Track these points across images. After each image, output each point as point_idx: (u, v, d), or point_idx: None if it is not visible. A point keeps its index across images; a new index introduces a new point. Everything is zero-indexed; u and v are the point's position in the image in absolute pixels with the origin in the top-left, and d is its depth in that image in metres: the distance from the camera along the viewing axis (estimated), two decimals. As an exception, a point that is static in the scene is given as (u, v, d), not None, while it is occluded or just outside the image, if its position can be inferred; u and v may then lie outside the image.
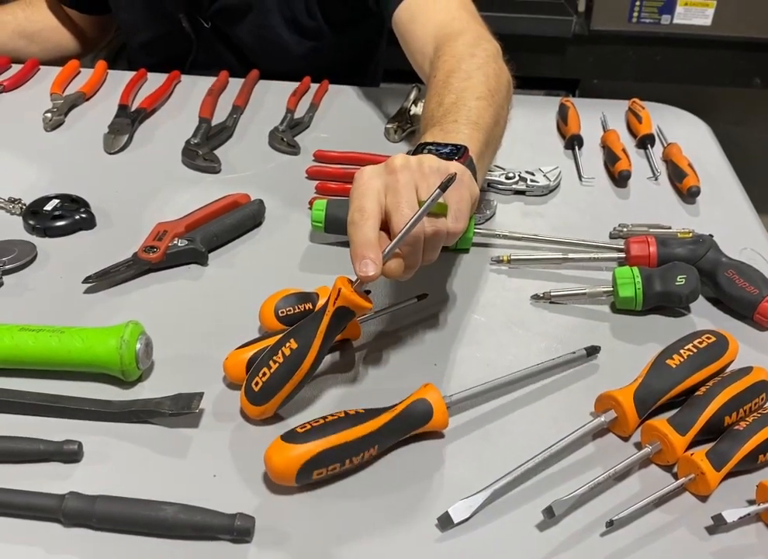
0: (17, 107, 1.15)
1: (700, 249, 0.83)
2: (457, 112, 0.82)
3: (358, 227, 0.64)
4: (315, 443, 0.59)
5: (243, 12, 1.23)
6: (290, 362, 0.64)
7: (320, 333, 0.64)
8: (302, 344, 0.64)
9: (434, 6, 1.04)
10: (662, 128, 1.12)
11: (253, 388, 0.65)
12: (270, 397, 0.65)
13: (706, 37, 2.10)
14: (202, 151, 1.02)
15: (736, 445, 0.62)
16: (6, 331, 0.70)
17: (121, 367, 0.68)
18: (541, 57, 2.11)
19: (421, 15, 1.04)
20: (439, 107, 0.84)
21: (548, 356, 0.73)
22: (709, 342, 0.70)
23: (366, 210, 0.65)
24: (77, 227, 0.89)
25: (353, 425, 0.61)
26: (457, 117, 0.81)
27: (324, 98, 1.19)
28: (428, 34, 1.01)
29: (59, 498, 0.59)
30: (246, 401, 0.66)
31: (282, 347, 0.64)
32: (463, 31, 0.97)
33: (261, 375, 0.64)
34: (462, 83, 0.87)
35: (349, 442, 0.60)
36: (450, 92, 0.86)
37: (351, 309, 0.64)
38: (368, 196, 0.65)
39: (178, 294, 0.82)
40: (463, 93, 0.85)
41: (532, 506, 0.61)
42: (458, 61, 0.91)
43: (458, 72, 0.89)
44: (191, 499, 0.59)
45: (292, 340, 0.64)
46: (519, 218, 0.95)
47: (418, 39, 1.03)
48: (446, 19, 1.01)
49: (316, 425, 0.61)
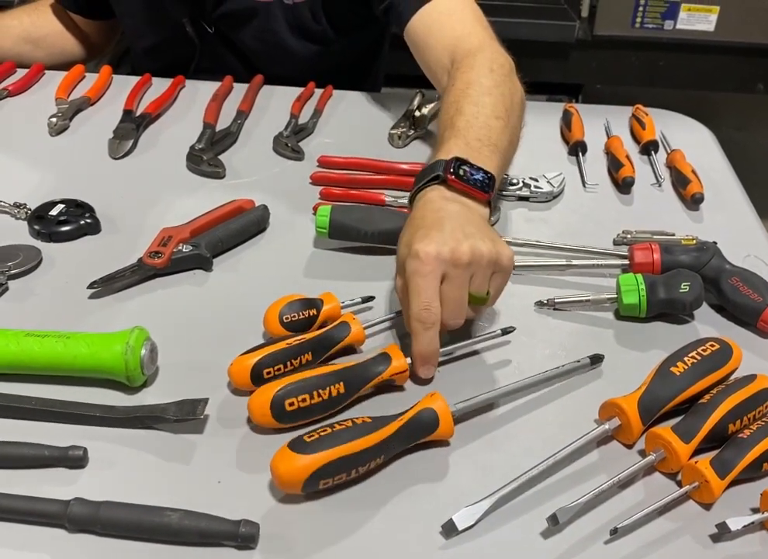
0: (22, 112, 1.16)
1: (703, 256, 0.83)
2: (479, 130, 0.85)
3: (425, 332, 0.69)
4: (322, 454, 0.59)
5: (247, 17, 1.23)
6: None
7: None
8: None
9: (449, 19, 1.05)
10: (666, 134, 1.12)
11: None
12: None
13: (709, 43, 2.11)
14: (206, 157, 1.03)
15: (740, 453, 0.62)
16: (12, 337, 0.70)
17: (126, 373, 0.68)
18: (544, 62, 2.12)
19: (437, 28, 1.05)
20: (459, 116, 0.86)
21: (553, 363, 0.74)
22: (713, 350, 0.70)
23: (432, 311, 0.69)
24: (82, 233, 0.90)
25: (360, 436, 0.61)
26: (479, 136, 0.84)
27: (328, 103, 1.19)
28: (445, 46, 1.02)
29: (64, 503, 0.59)
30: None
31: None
32: (481, 46, 0.99)
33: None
34: (482, 98, 0.89)
35: (356, 452, 0.60)
36: (469, 104, 0.88)
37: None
38: (432, 290, 0.69)
39: (182, 300, 0.82)
40: (483, 109, 0.87)
41: (536, 514, 0.61)
42: (478, 75, 0.92)
43: (478, 86, 0.91)
44: (195, 505, 0.59)
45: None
46: (523, 224, 0.96)
47: (434, 51, 1.04)
48: (463, 32, 1.02)
49: (324, 435, 0.60)
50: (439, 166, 0.78)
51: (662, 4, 2.07)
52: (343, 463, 0.60)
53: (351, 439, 0.60)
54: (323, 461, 0.59)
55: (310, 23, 1.24)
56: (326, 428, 0.61)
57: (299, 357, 0.71)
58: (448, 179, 0.77)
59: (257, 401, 0.66)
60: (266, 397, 0.65)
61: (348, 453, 0.60)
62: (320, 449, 0.59)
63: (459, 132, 0.84)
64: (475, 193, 0.78)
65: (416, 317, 0.69)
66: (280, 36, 1.24)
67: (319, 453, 0.59)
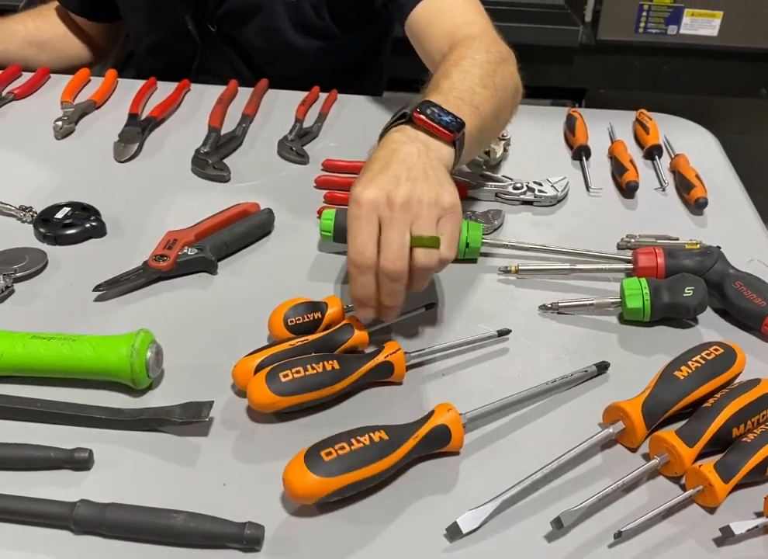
0: (28, 115, 1.16)
1: (707, 261, 0.83)
2: (462, 92, 0.83)
3: (359, 276, 0.69)
4: (339, 478, 0.58)
5: (249, 15, 1.24)
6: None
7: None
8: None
9: (451, 9, 1.05)
10: (670, 139, 1.13)
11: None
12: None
13: (712, 48, 2.11)
14: (211, 160, 1.03)
15: (744, 457, 0.62)
16: (18, 339, 0.70)
17: (131, 375, 0.69)
18: (548, 66, 2.12)
19: (439, 17, 1.05)
20: (446, 79, 0.86)
21: (557, 367, 0.74)
22: (717, 354, 0.71)
23: (366, 255, 0.69)
24: (88, 236, 0.90)
25: (377, 459, 0.60)
26: (462, 96, 0.83)
27: (333, 107, 1.19)
28: (445, 35, 1.02)
29: (70, 505, 0.59)
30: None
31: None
32: (482, 34, 0.99)
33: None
34: (472, 69, 0.88)
35: (372, 475, 0.60)
36: (459, 71, 0.87)
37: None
38: (367, 233, 0.69)
39: (187, 303, 0.82)
40: (471, 77, 0.86)
41: (540, 517, 0.61)
42: (472, 52, 0.92)
43: (470, 59, 0.90)
44: (200, 507, 0.59)
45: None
46: (527, 228, 0.96)
47: (434, 40, 1.04)
48: (464, 21, 1.03)
49: (342, 454, 0.59)
50: (409, 107, 0.78)
51: (666, 9, 2.07)
52: (358, 485, 0.60)
53: (368, 463, 0.60)
54: (340, 485, 0.59)
55: (313, 19, 1.24)
56: (344, 444, 0.60)
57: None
58: (414, 116, 0.76)
59: (253, 380, 0.67)
60: (261, 374, 0.67)
61: (365, 477, 0.60)
62: (337, 471, 0.59)
63: (441, 90, 0.83)
64: (439, 132, 0.76)
65: (350, 261, 0.70)
66: (283, 34, 1.25)
67: (336, 476, 0.58)
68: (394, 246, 0.69)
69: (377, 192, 0.70)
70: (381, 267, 0.69)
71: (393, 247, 0.69)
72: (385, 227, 0.70)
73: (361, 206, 0.70)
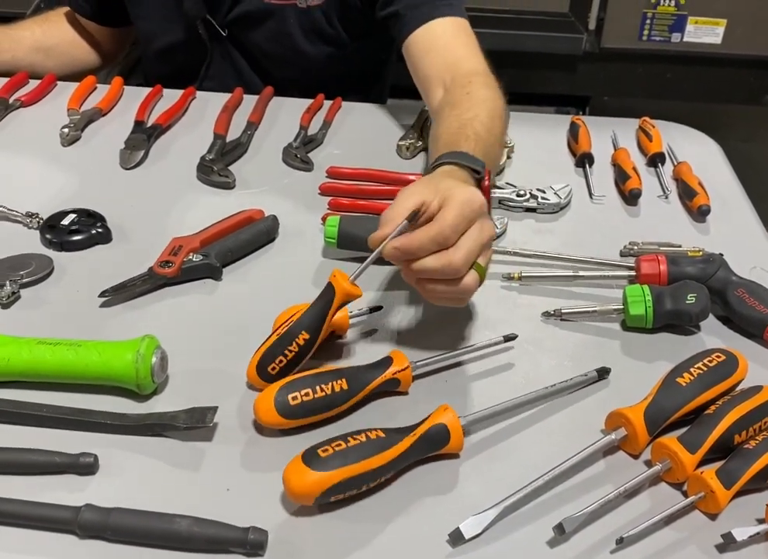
0: (35, 122, 1.17)
1: (710, 268, 0.83)
2: (487, 147, 0.90)
3: (428, 242, 0.70)
4: (336, 472, 0.59)
5: (260, 20, 1.25)
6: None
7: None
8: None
9: (453, 40, 1.10)
10: (673, 147, 1.13)
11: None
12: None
13: (716, 55, 2.12)
14: (216, 167, 1.04)
15: (746, 463, 0.63)
16: (24, 345, 0.71)
17: (136, 381, 0.69)
18: (551, 74, 2.13)
19: (441, 45, 1.09)
20: (478, 123, 0.92)
21: (559, 373, 0.74)
22: (719, 361, 0.71)
23: (450, 239, 0.71)
24: (94, 242, 0.91)
25: (374, 453, 0.61)
26: (486, 152, 0.89)
27: (337, 115, 1.20)
28: (447, 63, 1.07)
29: (74, 510, 0.60)
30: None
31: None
32: (486, 71, 1.06)
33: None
34: (495, 120, 0.96)
35: (369, 470, 0.61)
36: (487, 116, 0.94)
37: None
38: (465, 224, 0.71)
39: (192, 309, 0.83)
40: (496, 131, 0.95)
41: (543, 523, 0.61)
42: (495, 96, 1.00)
43: (492, 102, 0.98)
44: (204, 512, 0.60)
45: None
46: (530, 235, 0.96)
47: (434, 66, 1.08)
48: (466, 55, 1.08)
49: (339, 450, 0.60)
50: (478, 163, 0.84)
51: (670, 17, 2.08)
52: (356, 480, 0.61)
53: (364, 457, 0.61)
54: (337, 479, 0.59)
55: (324, 26, 1.25)
56: (340, 442, 0.61)
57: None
58: (484, 186, 0.84)
59: (261, 399, 0.67)
60: (270, 393, 0.67)
61: (362, 471, 0.60)
62: (334, 466, 0.60)
63: (479, 137, 0.90)
64: (488, 198, 0.81)
65: (441, 227, 0.70)
66: (293, 39, 1.26)
67: (333, 470, 0.59)
68: (469, 253, 0.71)
69: (486, 214, 0.74)
70: (450, 261, 0.70)
71: (471, 255, 0.71)
72: (475, 238, 0.72)
73: (478, 206, 0.73)
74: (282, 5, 1.23)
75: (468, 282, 0.72)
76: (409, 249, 0.71)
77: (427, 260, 0.71)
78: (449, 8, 1.12)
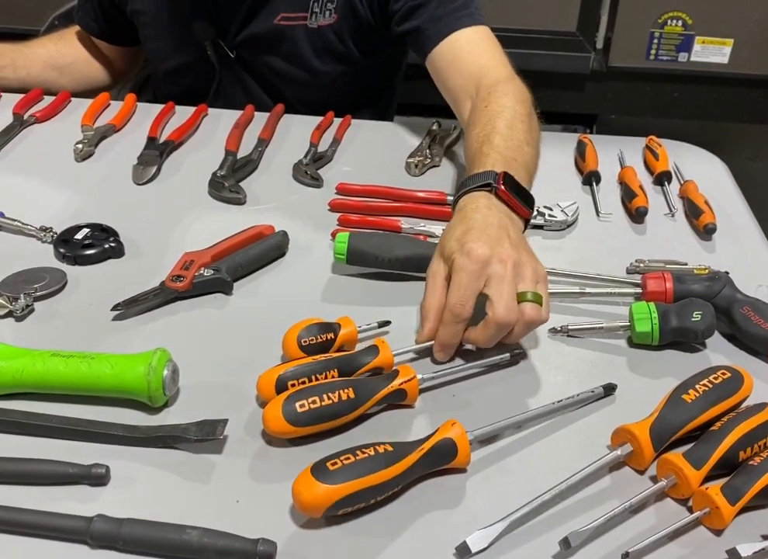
0: (49, 138, 1.19)
1: (715, 286, 0.84)
2: (515, 151, 0.91)
3: (453, 325, 0.75)
4: (345, 485, 0.60)
5: (271, 41, 1.26)
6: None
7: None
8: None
9: (477, 48, 1.11)
10: (679, 165, 1.14)
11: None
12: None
13: (723, 75, 2.13)
14: (228, 183, 1.05)
15: (751, 480, 0.63)
16: (38, 357, 0.72)
17: (148, 393, 0.70)
18: (559, 92, 2.14)
19: (465, 55, 1.10)
20: (496, 134, 0.93)
21: (566, 389, 0.75)
22: (724, 378, 0.71)
23: (466, 308, 0.74)
24: (107, 256, 0.92)
25: (382, 467, 0.61)
26: (516, 156, 0.90)
27: (347, 132, 1.21)
28: (471, 73, 1.08)
29: (87, 520, 0.60)
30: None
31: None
32: (509, 78, 1.06)
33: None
34: (516, 123, 0.96)
35: (377, 484, 0.61)
36: (505, 126, 0.95)
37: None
38: (473, 288, 0.74)
39: (203, 322, 0.84)
40: (517, 133, 0.94)
41: (549, 537, 0.61)
42: (512, 102, 0.99)
43: (512, 111, 0.98)
44: (214, 524, 0.60)
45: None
46: (537, 252, 0.95)
47: (459, 77, 1.09)
48: (490, 63, 1.09)
49: (348, 464, 0.61)
50: (490, 176, 0.84)
51: (677, 36, 2.09)
52: (364, 494, 0.61)
53: (373, 471, 0.61)
54: (346, 492, 0.60)
55: (336, 45, 1.26)
56: (349, 455, 0.62)
57: (324, 372, 0.72)
58: (499, 190, 0.82)
59: (269, 408, 0.68)
60: (278, 402, 0.67)
61: (370, 485, 0.61)
62: (342, 479, 0.60)
63: (498, 148, 0.90)
64: (520, 209, 0.83)
65: (451, 309, 0.74)
66: (305, 60, 1.27)
67: (341, 483, 0.60)
68: (509, 298, 0.73)
69: (490, 252, 0.74)
70: (494, 317, 0.72)
71: (509, 299, 0.73)
72: (498, 281, 0.73)
73: (474, 262, 0.74)
74: (292, 25, 1.24)
75: (530, 316, 0.73)
76: (444, 344, 0.76)
77: (478, 337, 0.75)
78: (470, 17, 1.12)
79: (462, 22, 1.12)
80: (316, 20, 1.24)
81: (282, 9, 1.23)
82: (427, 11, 1.14)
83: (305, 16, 1.23)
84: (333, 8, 1.23)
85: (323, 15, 1.23)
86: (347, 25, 1.24)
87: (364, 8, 1.22)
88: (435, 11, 1.13)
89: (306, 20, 1.24)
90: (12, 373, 0.71)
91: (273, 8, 1.24)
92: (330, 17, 1.23)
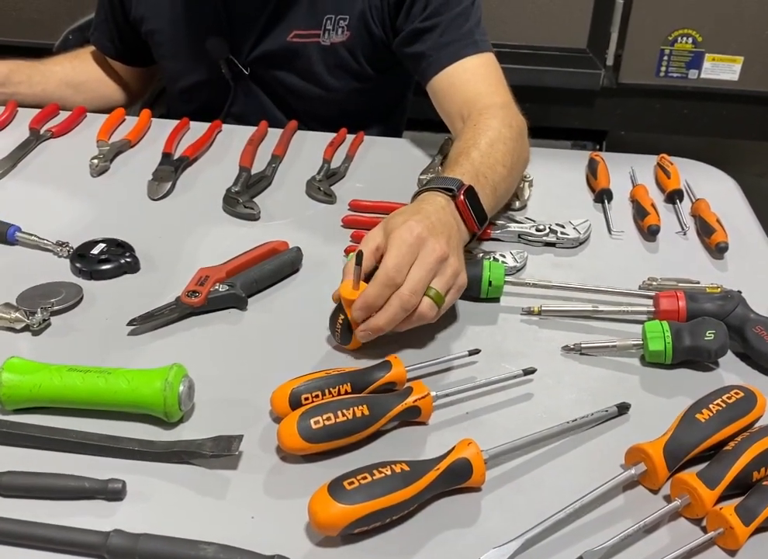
0: (65, 153, 1.20)
1: (728, 305, 0.84)
2: (487, 168, 0.95)
3: (383, 287, 0.77)
4: (362, 505, 0.60)
5: (284, 58, 1.27)
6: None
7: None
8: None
9: (474, 77, 1.13)
10: (691, 183, 1.14)
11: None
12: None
13: (733, 92, 2.13)
14: (242, 199, 1.06)
15: (765, 500, 0.63)
16: (56, 372, 0.73)
17: (164, 408, 0.71)
18: (569, 108, 2.15)
19: (461, 84, 1.13)
20: (475, 149, 0.97)
21: (579, 407, 0.75)
22: (738, 398, 0.71)
23: (400, 274, 0.77)
24: (122, 271, 0.93)
25: (399, 488, 0.62)
26: (486, 173, 0.94)
27: (359, 149, 1.22)
28: (466, 100, 1.10)
29: (103, 535, 0.61)
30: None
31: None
32: (503, 104, 1.08)
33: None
34: (497, 144, 0.99)
35: (394, 505, 0.62)
36: (486, 144, 0.98)
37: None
38: (409, 258, 0.78)
39: (218, 338, 0.84)
40: (495, 153, 0.98)
41: (563, 556, 0.62)
42: (498, 125, 1.02)
43: (496, 133, 1.01)
44: (229, 539, 0.61)
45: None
46: (549, 270, 0.97)
47: (455, 103, 1.12)
48: (487, 90, 1.11)
49: (365, 483, 0.61)
50: (455, 183, 0.88)
51: (687, 53, 2.10)
52: (381, 514, 0.62)
53: (390, 491, 0.61)
54: (363, 512, 0.60)
55: (349, 62, 1.28)
56: (366, 474, 0.62)
57: (337, 386, 0.73)
58: (459, 200, 0.87)
59: (284, 424, 0.68)
60: (292, 419, 0.68)
61: (387, 505, 0.61)
62: (359, 499, 0.60)
63: (473, 162, 0.94)
64: (470, 222, 0.89)
65: (387, 272, 0.77)
66: (318, 76, 1.28)
67: (358, 504, 0.60)
68: (419, 282, 0.78)
69: (429, 237, 0.79)
70: (399, 293, 0.77)
71: (418, 283, 0.77)
72: (419, 264, 0.78)
73: (414, 237, 0.78)
74: (305, 43, 1.25)
75: (422, 311, 0.78)
76: (369, 304, 0.77)
77: (380, 315, 0.77)
78: (474, 46, 1.14)
79: (466, 51, 1.14)
80: (329, 37, 1.25)
81: (295, 26, 1.25)
82: (432, 38, 1.15)
83: (318, 33, 1.25)
84: (346, 26, 1.24)
85: (336, 33, 1.24)
86: (360, 42, 1.25)
87: (376, 26, 1.23)
88: (440, 38, 1.15)
89: (319, 37, 1.25)
90: (29, 387, 0.72)
91: (286, 26, 1.25)
92: (343, 34, 1.24)
